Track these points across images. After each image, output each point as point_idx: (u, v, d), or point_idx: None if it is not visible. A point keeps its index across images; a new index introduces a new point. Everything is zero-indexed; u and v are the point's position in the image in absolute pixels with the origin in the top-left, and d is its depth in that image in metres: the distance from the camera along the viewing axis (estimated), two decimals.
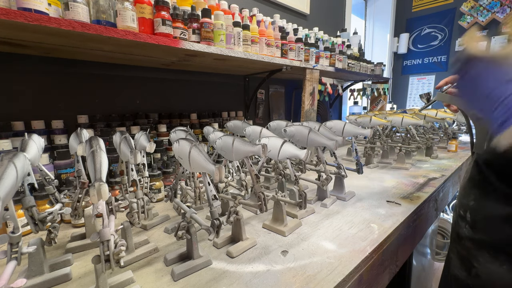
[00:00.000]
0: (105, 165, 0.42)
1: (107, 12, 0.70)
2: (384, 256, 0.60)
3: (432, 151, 1.35)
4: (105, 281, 0.41)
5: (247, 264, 0.51)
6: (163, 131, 1.04)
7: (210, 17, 0.92)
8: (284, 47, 1.26)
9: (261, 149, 0.54)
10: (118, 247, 0.37)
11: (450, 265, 0.61)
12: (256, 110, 1.72)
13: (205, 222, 0.49)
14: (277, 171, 0.82)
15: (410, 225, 0.72)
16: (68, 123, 0.87)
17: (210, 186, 0.51)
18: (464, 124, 1.67)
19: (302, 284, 0.44)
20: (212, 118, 1.30)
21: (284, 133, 0.82)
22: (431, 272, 1.57)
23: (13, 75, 0.85)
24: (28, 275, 0.45)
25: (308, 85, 1.40)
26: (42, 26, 0.56)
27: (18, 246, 0.38)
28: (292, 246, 0.56)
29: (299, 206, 0.63)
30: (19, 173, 0.38)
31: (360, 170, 0.87)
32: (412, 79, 3.34)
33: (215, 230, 0.48)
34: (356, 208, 0.76)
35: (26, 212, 0.43)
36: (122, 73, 1.09)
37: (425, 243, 1.18)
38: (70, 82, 0.96)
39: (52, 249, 0.58)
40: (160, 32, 0.78)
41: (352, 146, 0.91)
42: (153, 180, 0.82)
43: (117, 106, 1.09)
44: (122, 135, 0.62)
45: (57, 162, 0.76)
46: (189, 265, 0.48)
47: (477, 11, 2.73)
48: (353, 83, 2.29)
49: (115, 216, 0.45)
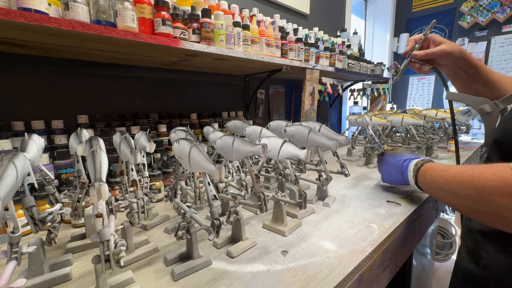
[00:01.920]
0: (105, 165, 0.42)
1: (107, 12, 0.70)
2: (384, 256, 0.60)
3: (432, 151, 1.35)
4: (105, 281, 0.41)
5: (247, 264, 0.51)
6: (163, 131, 1.04)
7: (210, 17, 0.92)
8: (284, 47, 1.26)
9: (261, 149, 0.54)
10: (118, 247, 0.37)
11: (460, 259, 0.62)
12: (256, 110, 1.72)
13: (205, 222, 0.49)
14: (277, 171, 0.82)
15: (410, 225, 0.72)
16: (68, 123, 0.87)
17: (210, 186, 0.51)
18: (464, 124, 1.68)
19: (302, 284, 0.44)
20: (212, 118, 1.30)
21: (284, 133, 0.82)
22: (431, 272, 1.57)
23: (13, 75, 0.85)
24: (28, 275, 0.45)
25: (308, 85, 1.40)
26: (42, 26, 0.56)
27: (18, 246, 0.38)
28: (292, 246, 0.56)
29: (299, 206, 0.63)
30: (19, 173, 0.38)
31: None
32: (412, 79, 3.34)
33: (215, 230, 0.48)
34: (356, 208, 0.76)
35: (26, 212, 0.43)
36: (122, 73, 1.09)
37: (425, 243, 1.18)
38: (70, 82, 0.96)
39: (52, 249, 0.58)
40: (160, 32, 0.78)
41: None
42: (153, 180, 0.82)
43: (117, 106, 1.09)
44: (122, 135, 0.62)
45: (57, 162, 0.76)
46: (189, 265, 0.48)
47: (477, 11, 2.73)
48: (353, 83, 2.29)
49: (115, 216, 0.45)
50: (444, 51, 0.71)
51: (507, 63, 2.65)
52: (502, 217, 0.42)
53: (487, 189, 0.43)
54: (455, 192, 0.50)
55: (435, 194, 0.62)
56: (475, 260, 0.55)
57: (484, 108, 0.62)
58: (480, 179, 0.44)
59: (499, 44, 2.67)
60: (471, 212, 0.49)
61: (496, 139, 0.53)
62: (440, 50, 0.71)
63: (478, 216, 0.49)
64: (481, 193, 0.44)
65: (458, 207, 0.52)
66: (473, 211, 0.48)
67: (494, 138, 0.53)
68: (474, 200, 0.45)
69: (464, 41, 2.87)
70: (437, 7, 3.04)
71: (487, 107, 0.62)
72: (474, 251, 0.56)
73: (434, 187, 0.60)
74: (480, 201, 0.44)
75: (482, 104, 0.62)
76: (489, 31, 2.71)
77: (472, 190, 0.46)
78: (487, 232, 0.53)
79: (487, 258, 0.52)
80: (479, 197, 0.44)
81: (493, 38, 2.69)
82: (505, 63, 2.66)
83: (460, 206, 0.51)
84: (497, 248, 0.51)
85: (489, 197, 0.42)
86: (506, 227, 0.44)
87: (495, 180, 0.42)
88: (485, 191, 0.43)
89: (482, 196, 0.44)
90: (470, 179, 0.47)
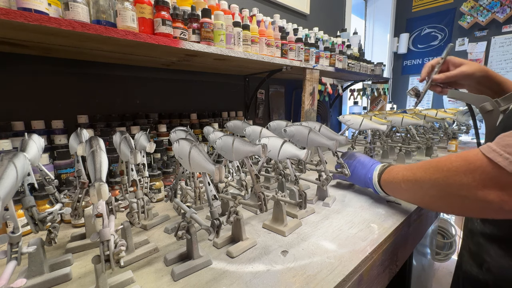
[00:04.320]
0: (105, 165, 0.42)
1: (107, 12, 0.70)
2: (384, 256, 0.60)
3: (432, 151, 1.35)
4: (105, 281, 0.41)
5: (247, 264, 0.51)
6: (163, 131, 1.04)
7: (210, 17, 0.92)
8: (284, 47, 1.26)
9: (261, 149, 0.54)
10: (118, 247, 0.37)
11: (462, 262, 0.61)
12: (256, 110, 1.72)
13: (205, 222, 0.49)
14: (277, 171, 0.81)
15: (410, 225, 0.72)
16: (68, 123, 0.87)
17: (210, 186, 0.51)
18: (464, 124, 1.67)
19: (302, 284, 0.44)
20: (212, 118, 1.30)
21: (284, 133, 0.82)
22: (431, 272, 1.57)
23: (13, 75, 0.85)
24: (28, 275, 0.45)
25: (308, 85, 1.40)
26: (42, 26, 0.56)
27: (18, 246, 0.38)
28: (292, 246, 0.56)
29: (299, 206, 0.63)
30: (19, 173, 0.38)
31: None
32: (412, 79, 3.34)
33: (215, 230, 0.47)
34: (356, 208, 0.76)
35: (26, 212, 0.43)
36: (122, 73, 1.09)
37: (425, 243, 1.18)
38: (70, 82, 0.96)
39: (52, 249, 0.58)
40: (160, 32, 0.78)
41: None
42: (153, 180, 0.82)
43: (117, 106, 1.09)
44: (122, 135, 0.62)
45: (57, 162, 0.76)
46: (189, 265, 0.48)
47: (477, 11, 2.73)
48: (353, 83, 2.29)
49: (115, 216, 0.45)
50: (465, 73, 0.71)
51: (507, 63, 2.65)
52: (463, 198, 0.43)
53: (451, 170, 0.44)
54: (420, 181, 0.51)
55: (397, 188, 0.63)
56: (478, 264, 0.54)
57: (485, 106, 0.61)
58: (446, 162, 0.46)
59: (499, 44, 2.67)
60: (434, 202, 0.51)
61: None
62: (460, 72, 0.71)
63: (440, 204, 0.50)
64: (446, 175, 0.45)
65: (422, 198, 0.54)
66: (437, 199, 0.49)
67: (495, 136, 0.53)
68: (439, 185, 0.47)
69: (464, 41, 2.87)
70: (437, 7, 3.03)
71: (488, 105, 0.61)
72: (476, 254, 0.56)
73: (398, 181, 0.61)
74: (445, 184, 0.45)
75: (483, 102, 0.61)
76: (489, 31, 2.71)
77: (438, 173, 0.47)
78: (489, 234, 0.53)
79: (489, 262, 0.52)
80: (444, 179, 0.45)
81: (493, 38, 2.69)
82: (505, 63, 2.66)
83: (423, 196, 0.52)
84: (500, 251, 0.50)
85: (453, 178, 0.44)
86: (466, 210, 0.45)
87: (459, 160, 0.44)
88: (450, 173, 0.44)
89: (447, 178, 0.45)
90: (436, 164, 0.48)
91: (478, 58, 2.77)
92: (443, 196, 0.47)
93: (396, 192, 0.66)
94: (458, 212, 0.49)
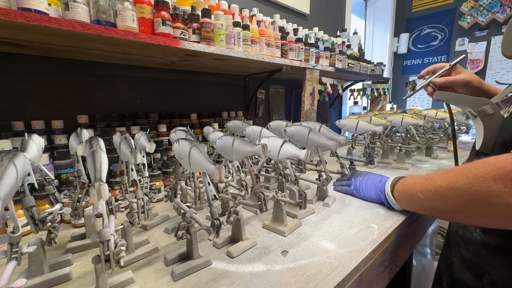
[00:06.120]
0: (105, 165, 0.42)
1: (107, 12, 0.70)
2: (384, 256, 0.60)
3: (432, 151, 1.35)
4: (105, 281, 0.41)
5: (247, 264, 0.51)
6: (163, 131, 1.04)
7: (210, 17, 0.92)
8: (284, 47, 1.26)
9: (261, 149, 0.54)
10: (118, 247, 0.37)
11: (453, 268, 0.60)
12: (256, 110, 1.72)
13: (205, 222, 0.49)
14: (277, 171, 0.82)
15: (410, 225, 0.72)
16: (68, 123, 0.87)
17: (210, 186, 0.51)
18: (464, 124, 1.67)
19: (302, 284, 0.44)
20: (212, 118, 1.30)
21: (284, 133, 0.82)
22: (431, 272, 1.57)
23: (13, 75, 0.85)
24: (28, 275, 0.45)
25: (308, 85, 1.40)
26: (42, 26, 0.56)
27: (18, 246, 0.38)
28: (292, 246, 0.56)
29: (299, 206, 0.63)
30: (19, 173, 0.38)
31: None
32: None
33: (215, 230, 0.48)
34: (356, 208, 0.76)
35: (26, 212, 0.43)
36: (122, 73, 1.09)
37: (425, 243, 1.18)
38: (70, 82, 0.96)
39: (52, 249, 0.58)
40: (160, 32, 0.78)
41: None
42: (153, 180, 0.82)
43: (117, 106, 1.09)
44: (122, 135, 0.62)
45: (57, 162, 0.76)
46: (189, 265, 0.48)
47: (477, 11, 2.73)
48: (353, 83, 2.29)
49: (115, 216, 0.45)
50: (465, 80, 0.74)
51: (507, 63, 2.65)
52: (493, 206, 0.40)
53: (477, 176, 0.41)
54: (441, 189, 0.48)
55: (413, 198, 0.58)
56: (476, 274, 0.53)
57: (485, 109, 0.57)
58: (471, 168, 0.43)
59: (499, 44, 2.66)
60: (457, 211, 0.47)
61: (505, 141, 0.50)
62: (462, 79, 0.74)
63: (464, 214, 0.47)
64: (471, 181, 0.42)
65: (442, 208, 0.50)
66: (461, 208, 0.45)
67: (503, 140, 0.50)
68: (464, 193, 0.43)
69: (464, 41, 2.87)
70: (437, 7, 3.03)
71: (488, 108, 0.57)
72: (473, 264, 0.54)
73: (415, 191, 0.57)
74: (470, 191, 0.42)
75: (483, 105, 0.58)
76: (489, 31, 2.71)
77: (462, 180, 0.44)
78: (493, 245, 0.51)
79: (493, 273, 0.50)
80: (470, 186, 0.42)
81: (493, 38, 2.69)
82: (505, 63, 2.66)
83: (444, 206, 0.49)
84: (506, 262, 0.48)
85: (479, 184, 0.41)
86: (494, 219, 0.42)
87: (486, 165, 0.41)
88: (476, 179, 0.41)
89: (473, 185, 0.42)
90: (460, 171, 0.45)
91: (478, 58, 2.77)
92: (467, 205, 0.44)
93: (413, 203, 0.61)
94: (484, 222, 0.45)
